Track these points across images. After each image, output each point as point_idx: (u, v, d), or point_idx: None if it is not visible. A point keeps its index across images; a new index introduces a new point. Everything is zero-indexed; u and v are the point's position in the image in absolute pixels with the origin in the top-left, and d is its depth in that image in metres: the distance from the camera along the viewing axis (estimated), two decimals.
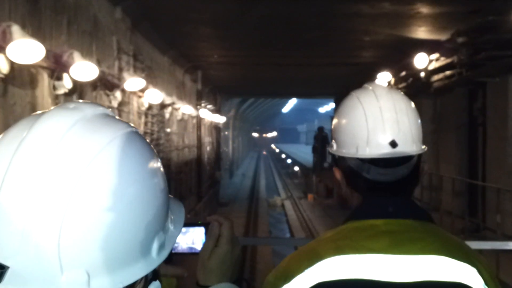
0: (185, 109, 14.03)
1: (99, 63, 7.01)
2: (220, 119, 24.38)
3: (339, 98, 27.36)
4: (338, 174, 1.48)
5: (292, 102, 76.19)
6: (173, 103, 12.25)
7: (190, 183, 15.72)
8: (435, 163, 12.88)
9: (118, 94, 7.71)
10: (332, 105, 67.19)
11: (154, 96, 9.61)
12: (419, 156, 1.44)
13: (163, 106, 11.50)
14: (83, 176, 0.72)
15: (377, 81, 2.21)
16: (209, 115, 20.71)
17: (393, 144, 1.39)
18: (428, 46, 11.37)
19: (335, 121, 1.53)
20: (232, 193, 28.36)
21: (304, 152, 57.79)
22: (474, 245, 1.70)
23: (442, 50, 10.44)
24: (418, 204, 1.45)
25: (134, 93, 9.05)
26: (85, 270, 0.72)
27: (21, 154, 0.72)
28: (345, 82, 20.98)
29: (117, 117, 0.84)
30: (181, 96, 14.60)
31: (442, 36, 10.92)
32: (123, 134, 0.78)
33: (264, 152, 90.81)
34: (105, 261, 0.73)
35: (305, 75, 18.95)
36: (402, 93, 1.51)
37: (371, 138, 1.40)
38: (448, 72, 10.70)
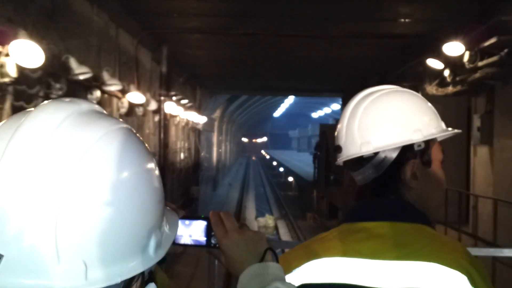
0: (136, 98, 8.92)
1: None
2: (200, 119, 19.29)
3: (349, 96, 22.12)
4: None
5: (285, 106, 71.79)
6: (102, 84, 7.13)
7: None
8: None
9: None
10: (331, 108, 63.14)
11: (28, 54, 4.50)
12: (401, 154, 1.38)
13: (78, 84, 6.38)
14: (78, 167, 0.71)
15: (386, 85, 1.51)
16: (184, 113, 15.63)
17: (336, 149, 1.45)
18: None
19: None
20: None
21: (298, 160, 53.00)
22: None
23: None
24: (412, 206, 1.38)
25: None
26: (82, 260, 0.71)
27: (16, 142, 0.72)
28: (365, 72, 16.00)
29: (108, 115, 0.83)
30: (130, 78, 9.50)
31: None
32: (117, 129, 0.79)
33: (254, 158, 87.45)
34: (103, 253, 0.73)
35: (310, 59, 13.92)
36: (382, 93, 1.45)
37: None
38: None
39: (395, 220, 1.34)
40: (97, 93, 7.10)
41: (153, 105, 10.30)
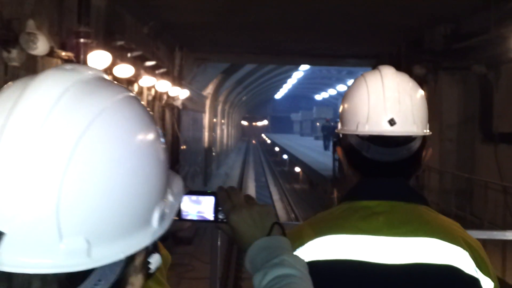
0: None
1: None
2: (181, 93, 13.82)
3: (384, 64, 16.95)
4: (340, 153, 1.51)
5: (287, 87, 66.76)
6: None
7: None
8: None
9: None
10: (336, 89, 57.15)
11: None
12: (423, 141, 1.44)
13: None
14: (82, 140, 0.70)
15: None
16: (149, 80, 10.19)
17: (392, 122, 1.39)
18: None
19: (342, 101, 1.54)
20: None
21: (303, 146, 47.60)
22: (471, 234, 1.48)
23: None
24: (413, 187, 1.44)
25: None
26: (85, 237, 0.70)
27: (16, 115, 0.70)
28: (419, 23, 10.53)
29: (114, 82, 0.80)
30: None
31: None
32: (122, 98, 0.76)
33: (254, 142, 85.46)
34: (106, 229, 0.72)
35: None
36: (409, 77, 1.50)
37: (371, 115, 1.42)
38: None
39: (396, 199, 1.37)
40: None
41: (43, 46, 4.77)
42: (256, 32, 12.47)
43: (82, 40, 5.92)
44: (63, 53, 5.76)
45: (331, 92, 67.33)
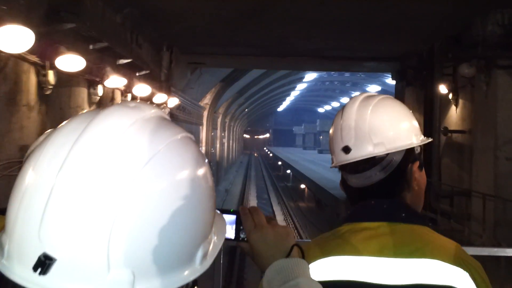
0: None
1: None
2: (169, 101, 11.61)
3: (407, 67, 14.83)
4: (340, 185, 1.54)
5: (289, 99, 64.79)
6: None
7: None
8: None
9: None
10: (340, 101, 54.72)
11: None
12: (406, 157, 1.43)
13: None
14: (139, 176, 0.72)
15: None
16: (121, 82, 7.96)
17: (345, 149, 1.45)
18: None
19: None
20: None
21: (307, 160, 45.37)
22: (470, 251, 1.56)
23: None
24: (411, 207, 1.43)
25: None
26: (131, 270, 0.72)
27: (80, 146, 0.72)
28: (454, 17, 8.32)
29: (171, 122, 0.83)
30: None
31: None
32: (179, 139, 0.80)
33: (256, 155, 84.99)
34: (152, 264, 0.74)
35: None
36: (380, 98, 1.50)
37: (334, 148, 1.50)
38: None
39: (396, 221, 1.37)
40: None
41: None
42: (259, 24, 10.22)
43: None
44: None
45: (334, 104, 65.57)
